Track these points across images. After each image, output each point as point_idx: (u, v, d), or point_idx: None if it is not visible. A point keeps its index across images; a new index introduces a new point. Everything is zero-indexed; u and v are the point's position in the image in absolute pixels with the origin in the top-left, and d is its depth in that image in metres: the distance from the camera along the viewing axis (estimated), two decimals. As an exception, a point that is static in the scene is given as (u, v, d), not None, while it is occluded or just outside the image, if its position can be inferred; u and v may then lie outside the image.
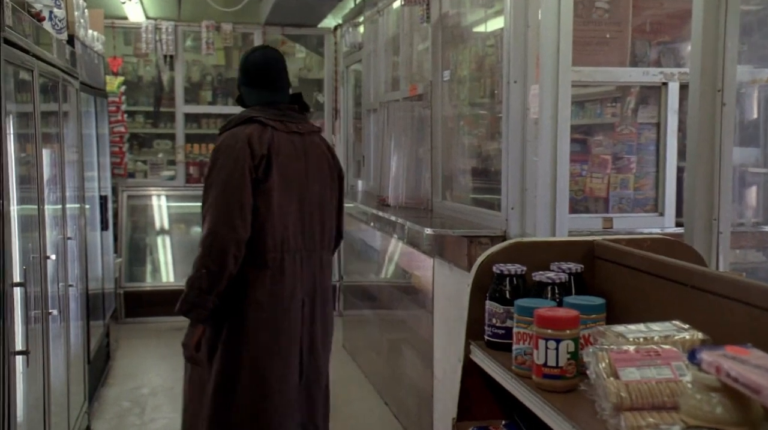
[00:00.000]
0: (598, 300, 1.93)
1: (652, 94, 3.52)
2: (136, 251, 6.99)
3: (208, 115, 7.60)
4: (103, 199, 5.45)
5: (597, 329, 1.77)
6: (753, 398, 1.20)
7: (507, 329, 2.05)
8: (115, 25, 7.25)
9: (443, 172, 4.40)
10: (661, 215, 3.51)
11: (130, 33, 7.46)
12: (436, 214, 4.34)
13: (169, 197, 7.39)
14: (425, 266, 4.01)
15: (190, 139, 7.52)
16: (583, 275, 2.11)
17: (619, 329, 1.71)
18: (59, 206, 3.62)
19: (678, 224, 3.49)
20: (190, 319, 2.77)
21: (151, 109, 7.61)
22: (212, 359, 2.82)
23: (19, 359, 2.59)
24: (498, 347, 2.08)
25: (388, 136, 4.98)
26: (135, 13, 7.11)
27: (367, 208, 5.11)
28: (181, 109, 7.47)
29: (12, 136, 2.68)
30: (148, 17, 7.33)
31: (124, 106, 7.14)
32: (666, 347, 1.59)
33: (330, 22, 7.49)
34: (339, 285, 7.07)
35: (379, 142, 5.46)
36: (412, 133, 4.77)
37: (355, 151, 7.01)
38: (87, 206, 4.68)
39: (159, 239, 7.28)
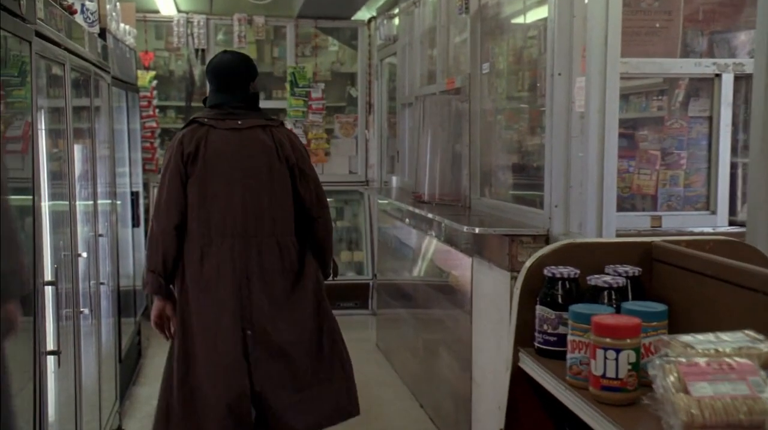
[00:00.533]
0: (660, 306, 1.81)
1: (704, 86, 3.37)
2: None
3: (239, 110, 7.55)
4: (135, 196, 5.42)
5: (660, 338, 1.64)
6: None
7: (559, 335, 1.95)
8: (147, 18, 7.19)
9: (481, 168, 4.28)
10: (713, 213, 3.36)
11: (162, 27, 7.41)
12: (474, 211, 4.23)
13: (200, 193, 7.33)
14: (463, 265, 3.90)
15: (221, 134, 7.47)
16: (641, 279, 1.99)
17: (686, 339, 1.58)
18: (90, 203, 3.61)
19: (731, 223, 3.35)
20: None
21: (183, 104, 7.56)
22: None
23: (51, 359, 2.57)
24: (549, 355, 1.97)
25: (424, 131, 4.87)
26: (166, 7, 7.06)
27: (402, 205, 5.01)
28: (213, 104, 7.40)
29: (44, 132, 2.67)
30: (179, 11, 7.27)
31: (155, 101, 7.11)
32: (740, 360, 1.47)
33: (364, 14, 7.38)
34: (372, 283, 6.99)
35: (414, 137, 5.35)
36: (449, 127, 4.66)
37: (389, 146, 6.89)
38: (118, 202, 4.66)
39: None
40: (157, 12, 7.20)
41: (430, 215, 4.30)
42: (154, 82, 7.08)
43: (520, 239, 3.30)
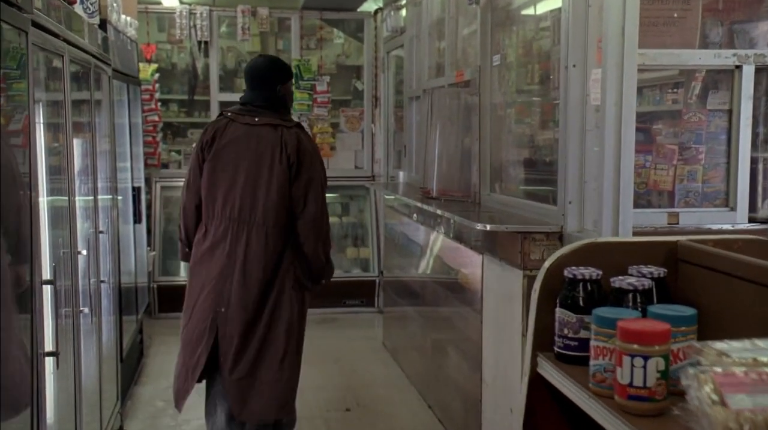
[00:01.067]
0: (689, 310, 1.71)
1: (723, 78, 3.26)
2: (170, 243, 6.80)
3: (243, 104, 7.45)
4: (136, 191, 5.35)
5: (691, 344, 1.55)
6: None
7: (580, 340, 1.86)
8: (149, 10, 7.09)
9: (492, 163, 4.18)
10: (733, 209, 3.25)
11: (164, 19, 7.30)
12: (485, 207, 4.13)
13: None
14: (473, 263, 3.81)
15: (225, 128, 7.37)
16: (665, 280, 1.89)
17: (720, 346, 1.49)
18: (90, 198, 3.55)
19: (751, 220, 3.24)
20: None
21: (186, 97, 7.47)
22: None
23: (49, 360, 2.50)
24: (570, 361, 1.88)
25: (432, 125, 4.77)
26: (169, -2, 6.97)
27: (409, 201, 4.91)
28: (216, 97, 7.29)
29: (42, 126, 2.61)
30: (182, 2, 7.16)
31: (157, 95, 7.02)
32: (781, 370, 1.38)
33: (370, 5, 7.27)
34: (379, 280, 6.89)
35: (422, 131, 5.25)
36: (458, 121, 4.56)
37: (396, 140, 6.79)
38: (119, 198, 4.60)
39: (194, 231, 7.13)
40: (160, 3, 7.10)
41: (438, 211, 4.20)
42: (157, 75, 6.99)
43: (533, 237, 3.21)
